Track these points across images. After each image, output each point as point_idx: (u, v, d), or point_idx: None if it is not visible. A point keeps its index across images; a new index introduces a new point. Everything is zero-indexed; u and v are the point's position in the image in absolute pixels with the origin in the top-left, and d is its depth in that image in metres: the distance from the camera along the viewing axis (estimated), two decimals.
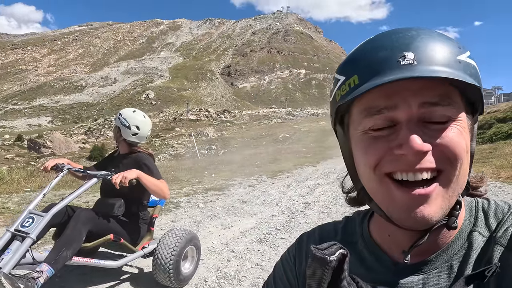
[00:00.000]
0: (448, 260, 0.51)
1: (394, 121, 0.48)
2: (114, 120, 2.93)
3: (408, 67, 0.45)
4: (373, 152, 0.49)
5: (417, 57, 0.46)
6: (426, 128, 0.47)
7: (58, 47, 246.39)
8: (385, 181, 0.49)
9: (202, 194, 6.99)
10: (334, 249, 0.49)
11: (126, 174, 2.47)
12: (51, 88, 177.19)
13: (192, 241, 3.00)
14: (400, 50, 0.47)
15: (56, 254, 2.23)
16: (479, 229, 0.52)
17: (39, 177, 8.39)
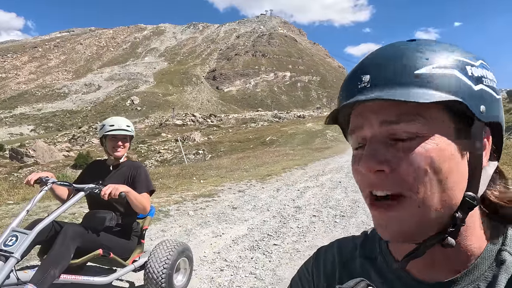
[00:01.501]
0: (474, 280, 0.49)
1: (363, 140, 0.50)
2: (114, 131, 2.77)
3: (363, 90, 0.47)
4: (355, 173, 0.51)
5: (372, 79, 0.47)
6: (392, 147, 0.47)
7: (39, 54, 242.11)
8: (368, 198, 0.50)
9: (191, 201, 6.88)
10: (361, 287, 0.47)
11: (117, 187, 2.39)
12: (32, 96, 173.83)
13: (184, 253, 2.92)
14: (361, 73, 0.48)
15: (43, 273, 2.13)
16: (508, 248, 0.50)
17: (22, 188, 8.13)
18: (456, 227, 0.48)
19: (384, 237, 0.49)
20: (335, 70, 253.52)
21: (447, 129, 0.47)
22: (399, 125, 0.46)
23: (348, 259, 0.62)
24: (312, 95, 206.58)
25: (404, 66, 0.46)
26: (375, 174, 0.47)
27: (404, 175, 0.46)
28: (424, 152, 0.45)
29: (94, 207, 2.77)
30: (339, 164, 13.28)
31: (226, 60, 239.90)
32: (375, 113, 0.47)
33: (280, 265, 3.70)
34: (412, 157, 0.45)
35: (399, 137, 0.47)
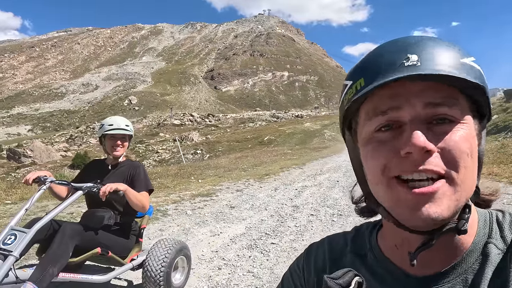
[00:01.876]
0: (462, 273, 0.50)
1: (398, 122, 0.49)
2: (113, 130, 2.79)
3: (412, 68, 0.46)
4: (380, 156, 0.49)
5: (421, 59, 0.47)
6: (431, 130, 0.47)
7: (36, 54, 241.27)
8: (392, 183, 0.48)
9: (189, 200, 6.90)
10: (349, 277, 0.46)
11: (115, 184, 2.41)
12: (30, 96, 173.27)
13: (182, 251, 2.94)
14: (404, 53, 0.48)
15: (42, 271, 2.14)
16: (494, 241, 0.51)
17: (20, 188, 8.13)
18: (469, 213, 0.49)
19: (412, 221, 0.47)
20: (333, 69, 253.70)
21: (473, 120, 0.50)
22: (443, 108, 0.47)
23: (338, 255, 0.63)
24: (310, 94, 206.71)
25: (451, 53, 0.48)
26: (420, 155, 0.46)
27: (450, 157, 0.46)
28: (465, 136, 0.47)
29: (93, 206, 2.78)
30: (337, 164, 13.31)
31: (224, 59, 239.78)
32: (419, 95, 0.47)
33: (277, 263, 3.71)
34: (456, 139, 0.46)
35: (439, 121, 0.47)
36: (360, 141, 0.54)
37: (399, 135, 0.48)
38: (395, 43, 0.51)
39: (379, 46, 0.53)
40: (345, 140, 0.60)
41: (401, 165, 0.47)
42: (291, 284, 0.66)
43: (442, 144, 0.46)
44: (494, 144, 13.15)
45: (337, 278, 0.46)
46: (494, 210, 0.56)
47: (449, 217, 0.47)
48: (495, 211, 0.56)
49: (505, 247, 0.50)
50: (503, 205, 5.55)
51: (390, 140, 0.49)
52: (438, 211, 0.45)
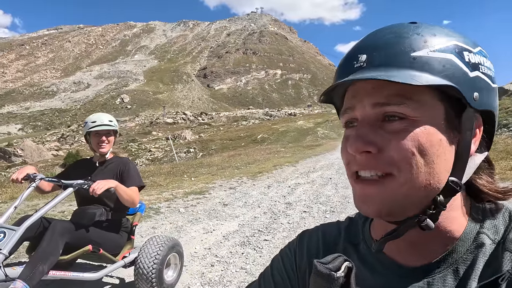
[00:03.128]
0: (453, 263, 0.50)
1: (354, 120, 0.50)
2: (97, 127, 2.76)
3: (358, 69, 0.47)
4: (343, 151, 0.52)
5: (368, 59, 0.47)
6: (382, 127, 0.47)
7: (26, 52, 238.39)
8: (352, 177, 0.51)
9: (182, 198, 6.87)
10: (338, 262, 0.47)
11: (106, 182, 2.38)
12: (20, 95, 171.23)
13: (174, 248, 2.93)
14: (358, 52, 0.49)
15: (31, 269, 2.12)
16: (486, 230, 0.50)
17: (10, 187, 8.04)
18: (437, 210, 0.48)
19: (364, 212, 0.50)
20: (326, 68, 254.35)
21: (438, 114, 0.47)
22: (390, 107, 0.46)
23: (331, 243, 0.63)
24: (303, 92, 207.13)
25: (402, 48, 0.46)
26: (362, 155, 0.47)
27: (390, 156, 0.46)
28: (413, 135, 0.46)
29: (83, 203, 2.75)
30: (329, 161, 13.36)
31: (217, 58, 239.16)
32: (368, 95, 0.48)
33: (270, 260, 3.71)
34: (400, 138, 0.46)
35: (388, 119, 0.47)
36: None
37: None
38: (360, 40, 0.51)
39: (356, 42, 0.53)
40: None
41: (355, 162, 0.49)
42: (281, 266, 0.66)
43: (385, 143, 0.47)
44: None
45: (327, 263, 0.47)
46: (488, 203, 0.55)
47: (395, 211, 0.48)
48: (488, 204, 0.55)
49: (497, 237, 0.50)
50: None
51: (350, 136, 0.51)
52: (377, 203, 0.48)
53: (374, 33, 0.50)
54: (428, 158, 0.47)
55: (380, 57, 0.47)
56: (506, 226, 0.50)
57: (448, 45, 0.47)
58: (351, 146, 0.48)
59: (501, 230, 0.50)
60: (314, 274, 0.46)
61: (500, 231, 0.50)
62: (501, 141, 12.93)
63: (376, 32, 0.50)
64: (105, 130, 2.79)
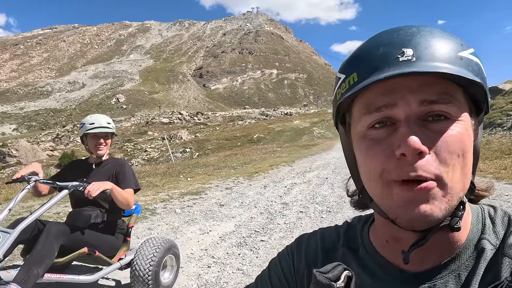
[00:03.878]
0: (456, 269, 0.49)
1: (393, 119, 0.47)
2: (95, 129, 2.74)
3: (407, 63, 0.45)
4: (374, 156, 0.48)
5: (416, 53, 0.45)
6: (426, 127, 0.46)
7: (20, 51, 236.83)
8: (388, 184, 0.47)
9: (178, 199, 6.85)
10: (338, 271, 0.46)
11: (101, 184, 2.37)
12: (14, 95, 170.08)
13: (171, 250, 2.91)
14: (399, 47, 0.46)
15: (26, 272, 2.09)
16: (487, 236, 0.50)
17: (4, 188, 7.97)
18: (463, 210, 0.48)
19: (405, 217, 0.46)
20: (322, 67, 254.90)
21: (468, 115, 0.48)
22: (438, 105, 0.45)
23: (330, 248, 0.62)
24: (299, 92, 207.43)
25: (449, 47, 0.46)
26: (414, 156, 0.45)
27: (442, 158, 0.45)
28: (459, 136, 0.46)
29: (78, 205, 2.73)
30: (326, 161, 13.40)
31: (213, 57, 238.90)
32: (413, 92, 0.46)
33: (267, 260, 3.70)
34: (448, 139, 0.45)
35: (434, 118, 0.46)
36: (354, 136, 0.52)
37: (393, 132, 0.47)
38: (390, 35, 0.49)
39: (373, 37, 0.51)
40: (339, 133, 0.59)
41: (397, 169, 0.46)
42: (279, 269, 0.65)
43: (435, 143, 0.45)
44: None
45: (326, 272, 0.46)
46: (485, 205, 0.55)
47: (442, 216, 0.46)
48: (487, 206, 0.55)
49: (498, 243, 0.49)
50: (489, 200, 5.61)
51: (385, 138, 0.48)
52: (430, 209, 0.45)
53: (403, 30, 0.49)
54: (467, 159, 0.47)
55: (430, 52, 0.45)
56: (505, 231, 0.50)
57: (473, 50, 0.48)
58: (406, 146, 0.44)
59: (501, 235, 0.50)
60: (313, 284, 0.45)
61: (500, 236, 0.50)
62: (495, 140, 13.02)
63: (405, 29, 0.49)
64: (103, 133, 2.77)
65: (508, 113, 15.74)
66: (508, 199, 5.83)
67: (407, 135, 0.45)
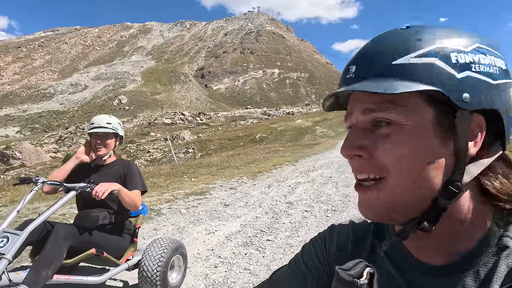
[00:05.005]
0: (474, 265, 0.49)
1: (351, 126, 0.53)
2: (99, 128, 2.73)
3: (349, 80, 0.50)
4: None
5: (356, 70, 0.50)
6: (373, 132, 0.49)
7: (23, 54, 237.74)
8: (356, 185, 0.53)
9: (183, 199, 6.85)
10: (360, 268, 0.47)
11: (109, 185, 2.37)
12: (17, 97, 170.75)
13: (178, 250, 2.91)
14: (350, 63, 0.52)
15: (36, 274, 2.10)
16: (510, 234, 0.50)
17: (9, 191, 8.00)
18: (437, 212, 0.49)
19: (365, 216, 0.52)
20: (323, 66, 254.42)
21: (427, 118, 0.47)
22: (378, 113, 0.48)
23: (360, 236, 0.65)
24: (301, 91, 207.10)
25: (383, 57, 0.48)
26: (354, 159, 0.50)
27: (380, 160, 0.48)
28: (399, 139, 0.47)
29: (86, 207, 2.73)
30: (329, 160, 13.36)
31: (214, 57, 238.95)
32: (360, 102, 0.50)
33: (274, 260, 3.71)
34: (387, 143, 0.48)
35: (378, 124, 0.49)
36: None
37: None
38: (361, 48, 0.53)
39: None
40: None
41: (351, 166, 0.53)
42: (313, 251, 0.68)
43: (375, 147, 0.49)
44: None
45: (348, 269, 0.47)
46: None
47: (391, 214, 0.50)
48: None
49: None
50: None
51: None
52: (374, 208, 0.50)
53: (369, 42, 0.52)
54: (417, 161, 0.47)
55: (365, 68, 0.49)
56: None
57: (431, 48, 0.47)
58: (342, 151, 0.51)
59: None
60: (336, 281, 0.46)
61: None
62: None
63: (371, 41, 0.52)
64: (102, 133, 2.75)
65: None
66: None
67: (344, 141, 0.51)
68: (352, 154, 0.49)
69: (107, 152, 2.80)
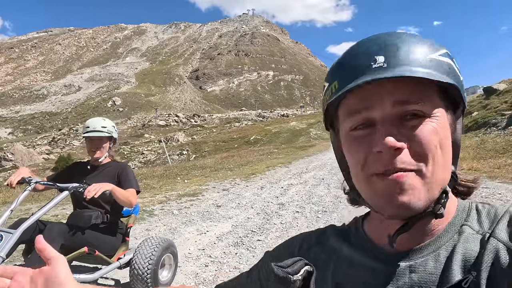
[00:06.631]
0: (436, 249, 0.52)
1: (371, 120, 0.52)
2: (94, 133, 2.79)
3: (379, 70, 0.49)
4: (357, 153, 0.53)
5: (387, 60, 0.50)
6: (401, 125, 0.50)
7: (16, 55, 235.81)
8: (370, 178, 0.52)
9: (175, 200, 6.91)
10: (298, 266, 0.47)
11: (101, 185, 2.43)
12: (10, 98, 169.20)
13: (169, 249, 2.98)
14: (372, 55, 0.51)
15: None
16: (469, 223, 0.53)
17: (1, 192, 8.01)
18: (446, 199, 0.52)
19: (388, 209, 0.50)
20: (318, 69, 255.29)
21: (444, 111, 0.53)
22: (411, 105, 0.50)
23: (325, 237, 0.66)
24: (296, 94, 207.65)
25: (418, 50, 0.51)
26: (391, 153, 0.49)
27: (418, 151, 0.49)
28: (433, 129, 0.50)
29: (79, 206, 2.79)
30: (322, 162, 13.48)
31: (209, 59, 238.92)
32: (389, 94, 0.50)
33: None
34: (423, 134, 0.50)
35: (408, 116, 0.50)
36: (342, 138, 0.57)
37: (373, 132, 0.51)
38: (364, 44, 0.54)
39: (351, 47, 0.56)
40: (330, 136, 0.64)
41: (375, 163, 0.50)
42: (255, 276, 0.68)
43: (411, 139, 0.49)
44: (474, 140, 13.40)
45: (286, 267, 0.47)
46: (478, 202, 0.58)
47: (422, 206, 0.50)
48: (479, 202, 0.58)
49: (480, 230, 0.52)
50: (482, 198, 5.75)
51: (366, 137, 0.52)
52: (409, 199, 0.49)
53: (377, 38, 0.53)
54: (444, 151, 0.52)
55: (400, 58, 0.50)
56: (491, 221, 0.53)
57: (444, 51, 0.52)
58: (385, 144, 0.48)
59: (485, 225, 0.53)
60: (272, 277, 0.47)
61: (484, 225, 0.53)
62: (490, 139, 13.10)
63: (379, 37, 0.54)
64: (96, 137, 2.82)
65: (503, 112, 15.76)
66: (501, 197, 5.93)
67: (383, 134, 0.49)
68: (398, 146, 0.48)
69: (102, 155, 2.87)
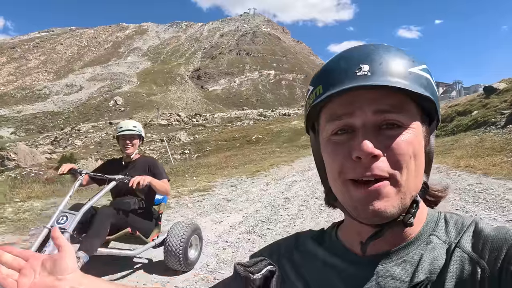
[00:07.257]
0: (403, 256, 0.54)
1: (351, 126, 0.52)
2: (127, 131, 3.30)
3: (363, 78, 0.50)
4: (335, 157, 0.53)
5: (371, 69, 0.50)
6: (380, 134, 0.51)
7: (17, 54, 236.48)
8: (346, 183, 0.52)
9: (188, 195, 7.41)
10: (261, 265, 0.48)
11: (144, 177, 2.93)
12: (12, 98, 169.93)
13: (196, 231, 3.49)
14: (357, 63, 0.52)
15: (89, 243, 2.66)
16: (437, 233, 0.55)
17: (23, 188, 8.52)
18: (416, 208, 0.53)
19: (363, 215, 0.51)
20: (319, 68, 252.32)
21: (420, 123, 0.54)
22: (391, 115, 0.50)
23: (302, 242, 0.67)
24: (297, 93, 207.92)
25: (400, 63, 0.52)
26: (368, 159, 0.49)
27: (393, 159, 0.50)
28: (409, 140, 0.51)
29: (119, 195, 3.31)
30: None
31: (210, 59, 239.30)
32: (370, 102, 0.51)
33: None
34: (399, 143, 0.50)
35: (387, 126, 0.51)
36: (321, 141, 0.57)
37: (352, 138, 0.52)
38: (351, 52, 0.55)
39: (338, 54, 0.57)
40: (310, 139, 0.65)
41: (353, 170, 0.51)
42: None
43: (388, 148, 0.50)
44: (473, 139, 13.60)
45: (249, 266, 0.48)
46: (446, 212, 0.61)
47: (396, 213, 0.51)
48: (447, 212, 0.60)
49: (447, 240, 0.54)
50: (475, 194, 6.17)
51: (345, 142, 0.52)
52: (383, 207, 0.50)
53: (363, 48, 0.54)
54: (418, 162, 0.52)
55: (383, 68, 0.51)
56: (458, 231, 0.55)
57: (424, 67, 0.54)
58: (363, 150, 0.49)
59: (451, 234, 0.54)
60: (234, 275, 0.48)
61: (451, 235, 0.54)
62: (488, 138, 13.36)
63: (364, 47, 0.55)
64: (129, 135, 3.35)
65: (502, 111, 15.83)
66: (492, 192, 6.33)
67: (362, 140, 0.49)
68: (375, 153, 0.49)
69: (134, 150, 3.39)
